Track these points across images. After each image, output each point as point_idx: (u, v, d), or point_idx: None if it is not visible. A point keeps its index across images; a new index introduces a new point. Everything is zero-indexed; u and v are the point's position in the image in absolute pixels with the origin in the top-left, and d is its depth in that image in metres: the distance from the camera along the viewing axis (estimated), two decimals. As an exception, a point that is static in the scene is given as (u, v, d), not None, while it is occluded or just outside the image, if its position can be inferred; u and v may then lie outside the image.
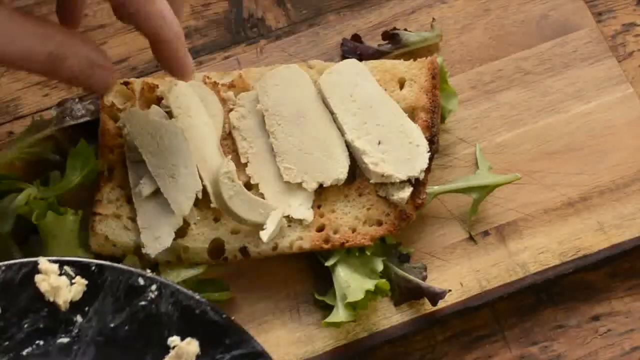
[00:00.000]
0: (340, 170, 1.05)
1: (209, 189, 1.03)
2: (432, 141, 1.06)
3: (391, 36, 1.15)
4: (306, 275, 1.06)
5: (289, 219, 1.04)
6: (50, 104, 1.15)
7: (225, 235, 1.04)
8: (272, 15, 1.22)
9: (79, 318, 0.91)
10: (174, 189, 1.02)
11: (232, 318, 0.91)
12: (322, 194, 1.06)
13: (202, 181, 1.03)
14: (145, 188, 1.03)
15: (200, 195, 1.03)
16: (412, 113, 1.08)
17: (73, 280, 0.92)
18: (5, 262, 0.91)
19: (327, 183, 1.05)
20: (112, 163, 1.07)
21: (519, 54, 1.16)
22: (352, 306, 0.99)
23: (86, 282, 0.92)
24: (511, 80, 1.15)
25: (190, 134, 1.05)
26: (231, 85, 1.09)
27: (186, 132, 1.05)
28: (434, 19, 1.17)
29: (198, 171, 1.03)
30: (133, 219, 1.04)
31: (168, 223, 1.02)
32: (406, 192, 1.04)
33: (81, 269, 0.92)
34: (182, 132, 1.04)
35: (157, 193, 1.03)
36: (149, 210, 1.03)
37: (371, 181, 1.05)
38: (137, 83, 1.10)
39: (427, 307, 1.03)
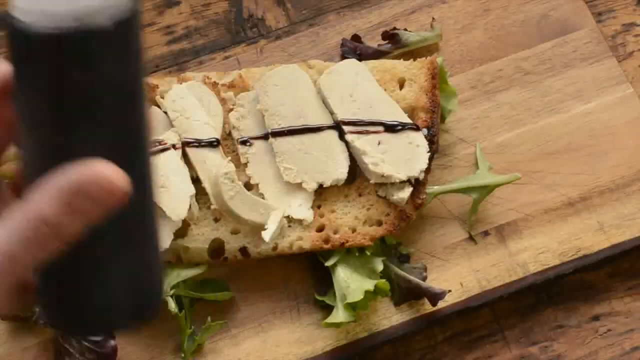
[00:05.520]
0: (340, 170, 1.05)
1: (209, 190, 1.03)
2: (432, 141, 1.06)
3: (391, 36, 1.15)
4: (306, 275, 1.06)
5: (289, 219, 1.04)
6: (50, 104, 1.15)
7: (225, 236, 1.04)
8: (272, 15, 1.22)
9: None
10: (166, 197, 1.02)
11: None
12: (322, 194, 1.06)
13: (201, 182, 1.03)
14: None
15: (194, 200, 1.03)
16: (411, 113, 1.08)
17: None
18: None
19: (327, 183, 1.04)
20: (112, 163, 1.07)
21: (519, 54, 1.16)
22: (352, 306, 0.99)
23: None
24: (511, 80, 1.15)
25: (189, 136, 1.05)
26: (231, 85, 1.09)
27: (184, 134, 1.05)
28: (434, 18, 1.17)
29: (197, 173, 1.04)
30: (133, 219, 1.04)
31: (166, 224, 1.02)
32: (406, 192, 1.04)
33: None
34: (168, 144, 1.04)
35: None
36: (148, 212, 1.03)
37: (371, 181, 1.04)
38: (137, 83, 1.10)
39: (427, 307, 1.03)
